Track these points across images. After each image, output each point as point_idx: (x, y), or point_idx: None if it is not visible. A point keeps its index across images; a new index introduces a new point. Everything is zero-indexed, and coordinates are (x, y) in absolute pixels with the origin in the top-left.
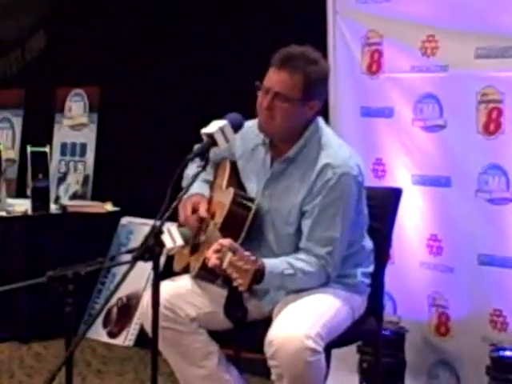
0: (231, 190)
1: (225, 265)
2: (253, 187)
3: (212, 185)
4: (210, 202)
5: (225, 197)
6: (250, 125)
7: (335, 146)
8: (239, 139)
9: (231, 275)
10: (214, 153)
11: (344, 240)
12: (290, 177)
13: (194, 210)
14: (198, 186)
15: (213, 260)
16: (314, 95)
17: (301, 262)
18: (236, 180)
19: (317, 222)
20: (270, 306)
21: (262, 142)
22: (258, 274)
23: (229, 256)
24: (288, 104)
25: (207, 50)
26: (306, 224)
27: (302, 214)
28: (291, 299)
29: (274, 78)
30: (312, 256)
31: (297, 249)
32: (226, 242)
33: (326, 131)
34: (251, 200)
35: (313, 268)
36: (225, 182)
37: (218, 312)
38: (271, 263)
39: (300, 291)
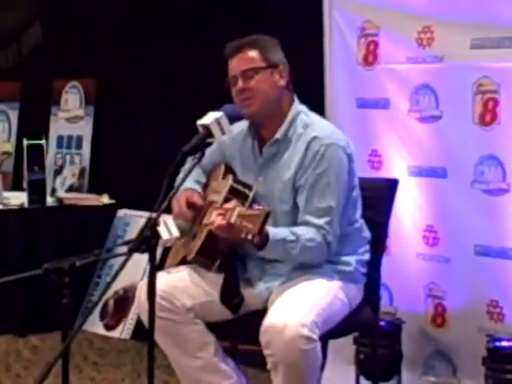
0: (229, 177)
1: (233, 218)
2: (246, 178)
3: (205, 189)
4: (204, 200)
5: (222, 187)
6: (238, 124)
7: (320, 122)
8: (228, 139)
9: (240, 226)
10: (205, 159)
11: (340, 210)
12: (281, 158)
13: (188, 204)
14: (191, 184)
15: (218, 221)
16: (275, 61)
17: (302, 230)
18: (232, 174)
19: (311, 194)
20: (265, 295)
21: (248, 132)
22: (268, 219)
23: (237, 210)
24: (257, 76)
25: (204, 42)
26: (301, 198)
27: (296, 190)
28: (286, 287)
29: (233, 65)
30: (311, 227)
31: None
32: (230, 203)
33: (309, 113)
34: (249, 186)
35: (314, 235)
36: (220, 178)
37: (214, 302)
38: (274, 230)
39: (296, 277)
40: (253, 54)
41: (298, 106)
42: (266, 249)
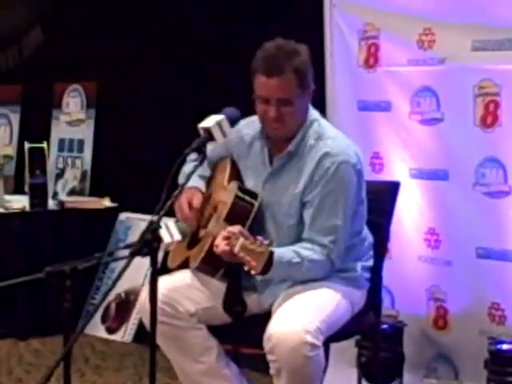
0: (235, 185)
1: (237, 249)
2: (252, 184)
3: (210, 183)
4: (208, 198)
5: (228, 192)
6: (244, 123)
7: (333, 136)
8: (235, 138)
9: (243, 259)
10: (211, 151)
11: (347, 228)
12: (290, 170)
13: (190, 206)
14: (194, 181)
15: (222, 246)
16: (308, 83)
17: (306, 250)
18: (237, 177)
19: (318, 211)
20: (270, 301)
21: (258, 136)
22: (271, 258)
23: (241, 240)
24: (292, 105)
25: (206, 44)
26: (308, 214)
27: (303, 204)
28: (291, 294)
29: (269, 87)
30: (316, 245)
31: (297, 240)
32: (236, 228)
33: (321, 122)
34: (254, 195)
35: (318, 256)
36: (226, 179)
37: (217, 307)
38: (278, 252)
39: (301, 284)
40: (289, 79)
41: (313, 114)
42: (270, 272)
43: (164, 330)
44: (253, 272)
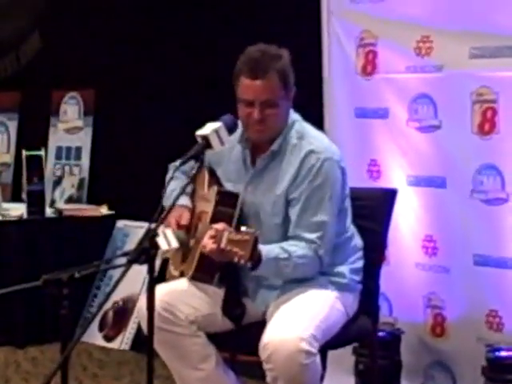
0: (214, 188)
1: (223, 244)
2: (235, 187)
3: (193, 196)
4: (193, 212)
5: (209, 198)
6: None
7: (315, 135)
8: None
9: (231, 251)
10: (189, 167)
11: (333, 224)
12: (273, 170)
13: (178, 224)
14: (180, 199)
15: (209, 245)
16: (290, 86)
17: (293, 246)
18: (216, 183)
19: (304, 207)
20: (262, 308)
21: (239, 140)
22: (257, 243)
23: (226, 235)
24: (277, 107)
25: (203, 53)
26: (294, 211)
27: (288, 202)
28: (283, 301)
29: (253, 89)
30: (303, 242)
31: (283, 239)
32: (220, 225)
33: (302, 123)
34: (235, 195)
35: (305, 251)
36: (206, 187)
37: (216, 313)
38: (265, 248)
39: (293, 289)
40: (273, 81)
41: (293, 115)
42: (259, 269)
43: (163, 337)
44: (242, 262)
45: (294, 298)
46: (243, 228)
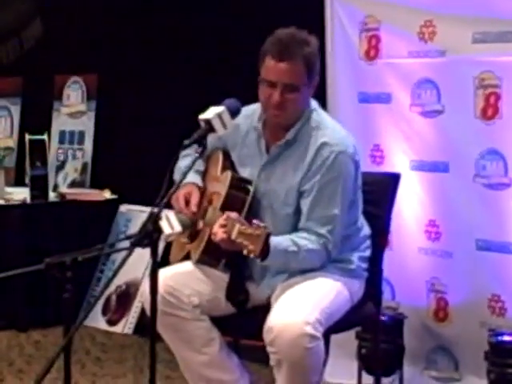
0: (228, 174)
1: (234, 235)
2: (248, 172)
3: (204, 176)
4: (203, 192)
5: (221, 182)
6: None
7: (331, 126)
8: (230, 128)
9: (241, 244)
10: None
11: (343, 218)
12: (288, 159)
13: (187, 201)
14: (190, 176)
15: (220, 234)
16: (314, 73)
17: (303, 239)
18: (230, 167)
19: (316, 200)
20: (267, 292)
21: (255, 125)
22: (269, 240)
23: (237, 226)
24: (298, 92)
25: (205, 38)
26: (305, 203)
27: (301, 193)
28: (289, 285)
29: (277, 71)
30: (313, 234)
31: (294, 229)
32: (233, 214)
33: (320, 112)
34: (249, 182)
35: (315, 246)
36: (219, 170)
37: (220, 298)
38: (275, 240)
39: (299, 274)
40: (298, 66)
41: (312, 105)
42: (268, 260)
43: (167, 321)
44: (252, 255)
45: (301, 282)
46: (255, 221)
